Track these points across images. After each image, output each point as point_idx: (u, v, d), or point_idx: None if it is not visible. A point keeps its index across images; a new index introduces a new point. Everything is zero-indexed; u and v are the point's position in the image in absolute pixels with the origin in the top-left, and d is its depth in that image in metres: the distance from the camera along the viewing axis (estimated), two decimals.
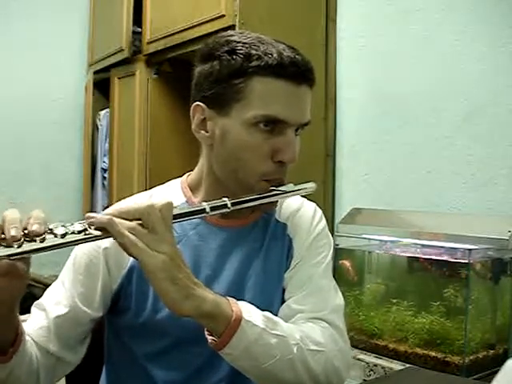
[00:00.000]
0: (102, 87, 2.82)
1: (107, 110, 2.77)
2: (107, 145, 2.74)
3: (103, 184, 2.84)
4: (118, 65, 2.60)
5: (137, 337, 0.91)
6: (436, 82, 1.83)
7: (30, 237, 0.65)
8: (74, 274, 0.88)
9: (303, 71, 0.85)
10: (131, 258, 0.88)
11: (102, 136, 2.84)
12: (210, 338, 0.77)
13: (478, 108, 1.72)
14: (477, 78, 1.72)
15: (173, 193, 0.95)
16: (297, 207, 0.99)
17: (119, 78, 2.61)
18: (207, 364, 0.91)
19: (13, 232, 0.64)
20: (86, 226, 0.69)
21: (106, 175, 2.79)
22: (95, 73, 2.81)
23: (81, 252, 0.90)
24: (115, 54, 2.58)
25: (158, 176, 1.05)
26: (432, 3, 1.85)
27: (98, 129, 2.88)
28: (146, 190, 1.01)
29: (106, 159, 2.78)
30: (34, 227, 0.65)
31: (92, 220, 0.70)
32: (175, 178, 1.00)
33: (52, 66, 2.97)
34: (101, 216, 0.70)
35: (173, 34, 2.18)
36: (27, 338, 0.81)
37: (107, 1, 2.76)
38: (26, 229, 0.66)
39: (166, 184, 0.99)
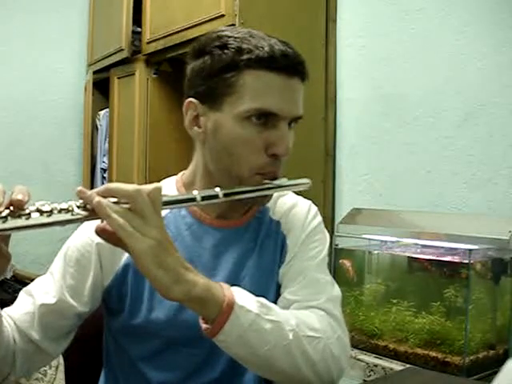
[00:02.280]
0: (101, 87, 2.82)
1: (107, 109, 2.77)
2: (107, 145, 2.74)
3: (103, 184, 2.83)
4: (118, 64, 2.60)
5: (132, 338, 0.91)
6: (436, 82, 1.83)
7: (14, 212, 0.63)
8: (65, 266, 0.88)
9: (295, 64, 0.84)
10: (126, 254, 0.87)
11: (101, 136, 2.84)
12: (204, 325, 0.75)
13: (478, 108, 1.72)
14: (477, 78, 1.72)
15: (167, 191, 0.94)
16: (291, 205, 0.98)
17: (119, 78, 2.61)
18: (202, 365, 0.90)
19: None
20: (74, 206, 0.67)
21: (105, 175, 2.79)
22: (95, 73, 2.81)
23: (73, 245, 0.89)
24: (115, 53, 2.58)
25: (158, 176, 1.04)
26: (432, 3, 1.85)
27: (97, 129, 2.88)
28: None
29: (105, 159, 2.78)
30: (19, 196, 0.64)
31: (82, 195, 0.68)
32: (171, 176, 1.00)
33: (52, 66, 2.97)
34: (91, 193, 0.69)
35: (172, 34, 2.18)
36: (9, 321, 0.80)
37: (107, 1, 2.75)
38: (11, 205, 0.64)
39: (161, 182, 0.99)
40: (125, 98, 2.56)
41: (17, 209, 0.64)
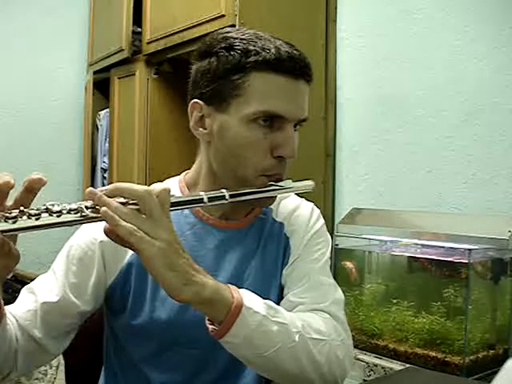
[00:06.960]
0: (101, 87, 2.82)
1: (107, 110, 2.77)
2: (107, 145, 2.74)
3: (103, 184, 2.83)
4: (118, 65, 2.60)
5: (133, 338, 0.91)
6: (436, 82, 1.83)
7: (24, 212, 0.64)
8: (67, 264, 0.88)
9: (301, 66, 0.85)
10: (129, 253, 0.88)
11: (101, 136, 2.84)
12: (210, 326, 0.75)
13: (478, 108, 1.72)
14: (477, 78, 1.73)
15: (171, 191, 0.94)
16: (294, 207, 0.99)
17: (119, 78, 2.61)
18: (203, 365, 0.91)
19: (6, 178, 0.63)
20: (83, 207, 0.67)
21: (106, 175, 2.79)
22: (95, 73, 2.81)
23: (76, 243, 0.89)
24: (115, 53, 2.58)
25: (158, 176, 1.04)
26: (432, 3, 1.85)
27: (97, 129, 2.88)
28: None
29: (105, 159, 2.78)
30: (34, 176, 0.65)
31: (93, 197, 0.68)
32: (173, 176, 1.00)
33: (52, 66, 2.97)
34: (100, 195, 0.68)
35: (172, 34, 2.18)
36: (11, 319, 0.80)
37: (107, 1, 2.75)
38: (21, 204, 0.64)
39: (164, 182, 0.99)
40: (125, 98, 2.56)
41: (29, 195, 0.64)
